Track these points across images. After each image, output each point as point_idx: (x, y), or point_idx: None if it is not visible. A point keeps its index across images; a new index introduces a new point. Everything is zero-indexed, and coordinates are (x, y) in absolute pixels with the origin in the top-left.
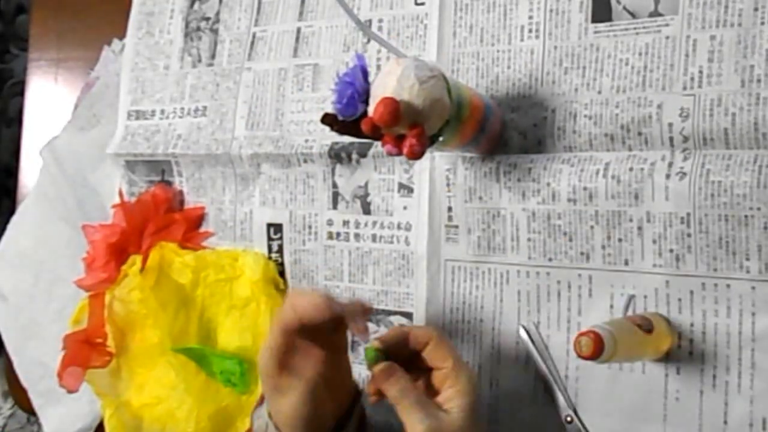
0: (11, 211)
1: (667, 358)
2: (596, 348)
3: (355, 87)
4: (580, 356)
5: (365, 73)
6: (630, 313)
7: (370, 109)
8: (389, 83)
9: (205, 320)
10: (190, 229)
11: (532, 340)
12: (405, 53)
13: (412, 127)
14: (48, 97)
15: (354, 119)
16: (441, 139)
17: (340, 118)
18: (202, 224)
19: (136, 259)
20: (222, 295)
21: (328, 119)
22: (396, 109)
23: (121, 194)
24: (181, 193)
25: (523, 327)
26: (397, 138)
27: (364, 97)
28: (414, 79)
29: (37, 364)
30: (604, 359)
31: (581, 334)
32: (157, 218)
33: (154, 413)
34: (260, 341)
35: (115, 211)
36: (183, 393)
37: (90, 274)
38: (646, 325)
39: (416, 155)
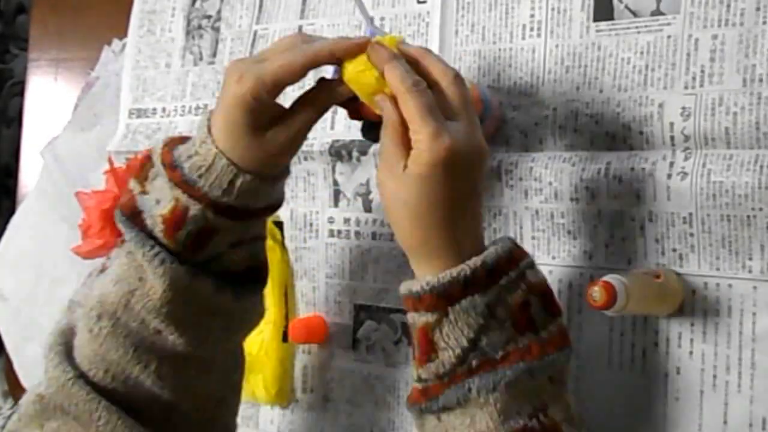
0: (11, 211)
1: (681, 313)
2: (609, 297)
3: None
4: (593, 307)
5: None
6: None
7: None
8: None
9: None
10: None
11: None
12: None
13: None
14: (48, 97)
15: None
16: None
17: None
18: None
19: None
20: None
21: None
22: None
23: (111, 161)
24: None
25: None
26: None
27: None
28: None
29: (37, 364)
30: (617, 309)
31: (593, 284)
32: None
33: None
34: None
35: (106, 177)
36: None
37: (86, 241)
38: (652, 273)
39: None
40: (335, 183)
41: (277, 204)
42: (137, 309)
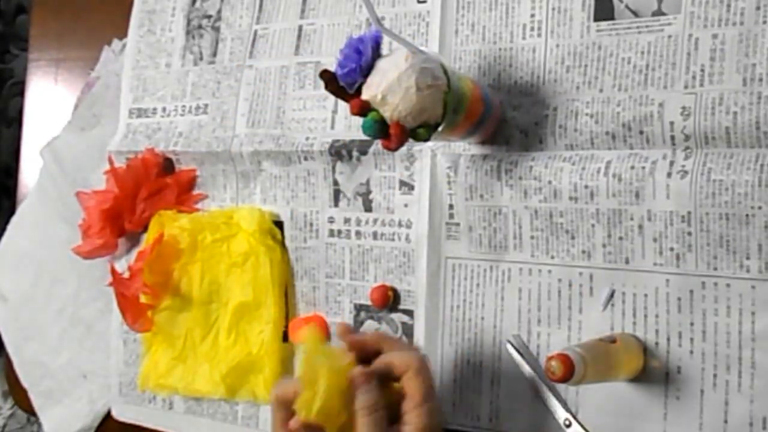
0: (11, 211)
1: (645, 377)
2: (566, 370)
3: (360, 63)
4: (552, 380)
5: (376, 45)
6: (610, 306)
7: (364, 89)
8: (389, 75)
9: (206, 283)
10: (183, 191)
11: (521, 354)
12: (420, 48)
13: (394, 121)
14: (48, 97)
15: (348, 84)
16: (427, 138)
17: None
18: (194, 187)
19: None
20: (221, 255)
21: (325, 75)
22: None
23: (111, 161)
24: (171, 159)
25: (510, 342)
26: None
27: (366, 72)
28: (413, 83)
29: (37, 364)
30: (575, 381)
31: (551, 358)
32: (148, 183)
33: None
34: (261, 294)
35: (107, 177)
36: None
37: (86, 241)
38: (608, 338)
39: (390, 149)
40: (335, 183)
41: None
42: None
